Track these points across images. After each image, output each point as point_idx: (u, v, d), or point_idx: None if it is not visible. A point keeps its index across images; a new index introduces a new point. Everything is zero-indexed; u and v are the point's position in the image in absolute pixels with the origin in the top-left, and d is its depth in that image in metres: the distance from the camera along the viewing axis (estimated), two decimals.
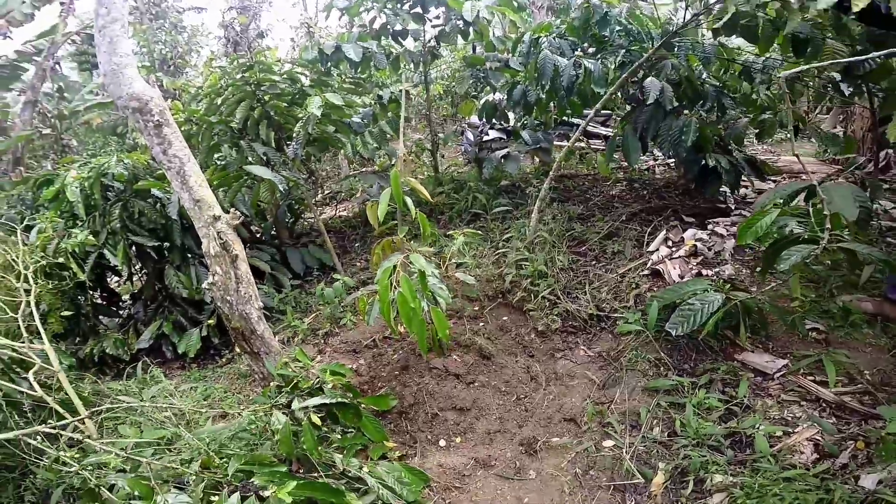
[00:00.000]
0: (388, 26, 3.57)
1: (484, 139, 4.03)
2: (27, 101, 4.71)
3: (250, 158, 3.05)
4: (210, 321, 3.38)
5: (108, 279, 3.77)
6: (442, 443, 2.50)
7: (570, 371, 2.87)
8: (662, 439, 2.26)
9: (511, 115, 4.15)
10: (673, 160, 4.40)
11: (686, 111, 3.27)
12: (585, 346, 3.03)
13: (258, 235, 4.12)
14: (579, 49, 3.26)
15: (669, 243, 3.59)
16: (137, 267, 3.54)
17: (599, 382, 2.71)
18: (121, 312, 3.72)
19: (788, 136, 3.44)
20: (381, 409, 2.64)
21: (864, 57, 2.02)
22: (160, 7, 6.40)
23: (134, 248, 3.32)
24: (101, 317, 3.49)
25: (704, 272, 3.22)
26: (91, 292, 3.35)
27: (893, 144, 3.57)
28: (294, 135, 2.96)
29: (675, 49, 3.07)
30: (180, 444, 2.10)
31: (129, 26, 2.01)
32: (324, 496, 1.73)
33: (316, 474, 2.05)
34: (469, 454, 2.36)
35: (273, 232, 4.11)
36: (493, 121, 4.05)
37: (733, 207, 3.86)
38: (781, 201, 3.03)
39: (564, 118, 4.26)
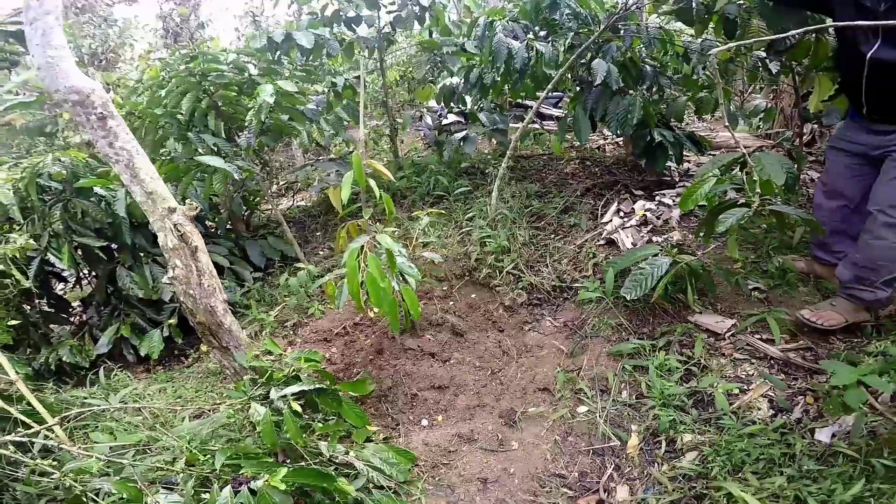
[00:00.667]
0: (341, 13, 3.50)
1: (443, 123, 4.06)
2: None
3: (200, 150, 2.93)
4: (171, 321, 3.25)
5: (54, 285, 3.54)
6: (424, 422, 2.55)
7: (539, 342, 2.98)
8: (631, 402, 2.40)
9: (468, 99, 4.19)
10: (621, 138, 4.60)
11: (631, 91, 3.43)
12: (551, 317, 3.16)
13: (214, 230, 3.97)
14: (531, 33, 3.33)
15: (621, 214, 3.78)
16: (86, 270, 3.34)
17: (567, 351, 2.84)
18: (72, 319, 3.51)
19: (723, 112, 3.69)
20: (360, 394, 2.63)
21: (782, 35, 2.20)
22: (86, 1, 5.89)
23: (80, 250, 3.12)
24: (51, 325, 3.28)
25: (654, 239, 3.43)
26: (38, 300, 3.14)
27: (816, 119, 3.90)
28: (247, 123, 2.87)
29: (622, 32, 3.21)
30: (158, 445, 2.04)
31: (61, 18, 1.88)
32: (316, 482, 1.74)
33: (303, 462, 2.06)
34: (452, 430, 2.43)
35: (229, 225, 3.98)
36: (452, 104, 4.08)
37: (677, 180, 4.11)
38: (718, 171, 3.28)
39: (519, 100, 4.34)
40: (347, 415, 2.42)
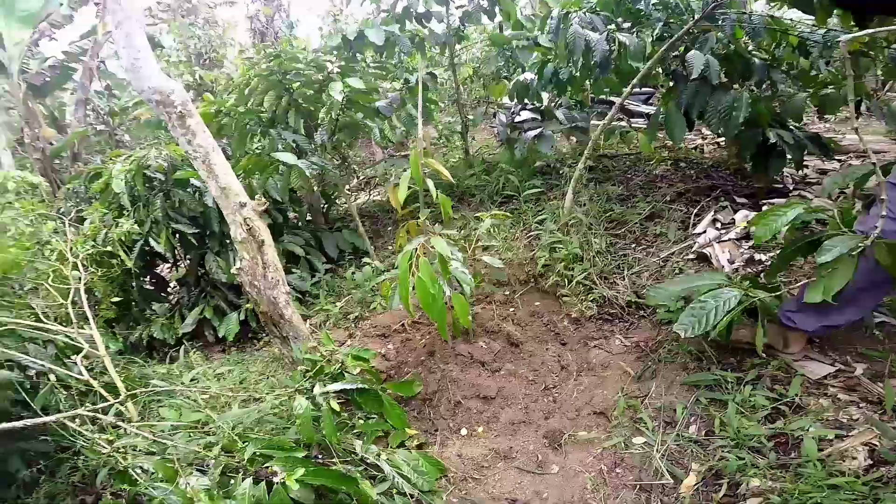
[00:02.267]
0: (411, 9, 3.48)
1: (516, 120, 3.89)
2: (79, 100, 5.07)
3: (279, 146, 3.09)
4: (248, 305, 3.48)
5: (158, 266, 3.98)
6: (464, 431, 2.46)
7: (604, 361, 2.74)
8: (699, 438, 2.10)
9: (545, 95, 3.98)
10: (723, 139, 4.09)
11: (735, 86, 3.01)
12: (622, 335, 2.89)
13: (296, 221, 4.21)
14: (613, 24, 3.05)
15: (718, 225, 3.35)
16: (183, 253, 3.71)
17: (635, 374, 2.56)
18: (171, 298, 3.92)
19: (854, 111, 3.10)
20: (407, 395, 2.63)
21: None
22: (191, 3, 6.57)
23: (177, 235, 3.46)
24: (152, 302, 3.68)
25: (757, 257, 2.97)
26: (141, 279, 3.56)
27: None
28: (319, 121, 2.97)
29: (720, 22, 2.82)
30: (207, 428, 2.17)
31: (145, 20, 2.06)
32: (335, 483, 1.73)
33: (335, 459, 2.08)
34: (490, 445, 2.31)
35: (309, 217, 4.20)
36: (526, 101, 3.90)
37: (791, 187, 3.54)
38: (852, 185, 2.71)
39: (602, 97, 4.04)
40: (389, 415, 2.41)
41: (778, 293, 1.89)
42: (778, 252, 2.16)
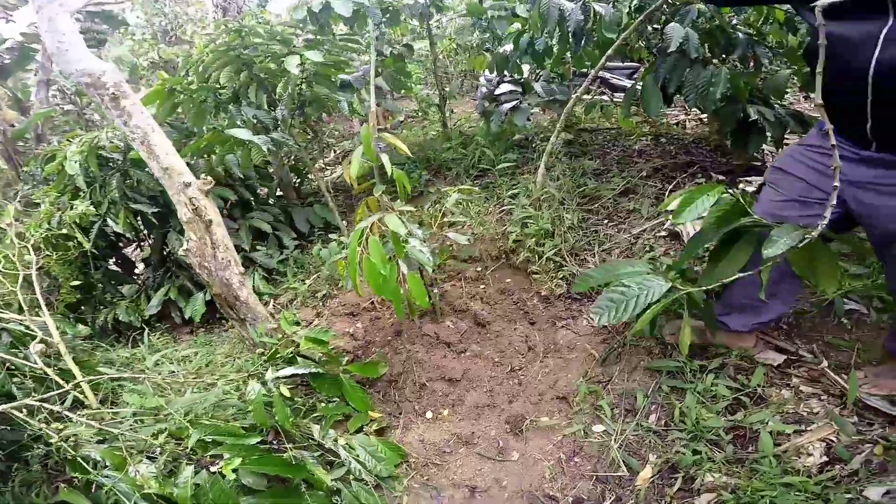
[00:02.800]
0: None
1: (496, 93, 3.76)
2: (40, 81, 4.89)
3: (238, 122, 2.97)
4: None
5: (128, 247, 3.87)
6: (429, 415, 2.44)
7: (571, 343, 2.70)
8: (658, 428, 2.07)
9: (525, 68, 3.83)
10: (706, 114, 3.99)
11: (715, 61, 2.90)
12: (590, 315, 2.85)
13: (266, 197, 4.10)
14: None
15: None
16: (146, 233, 3.61)
17: (599, 357, 2.53)
18: (139, 279, 3.83)
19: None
20: (371, 376, 2.59)
21: None
22: None
23: (139, 215, 3.35)
24: (121, 284, 3.57)
25: None
26: (104, 261, 3.45)
27: None
28: (277, 96, 2.84)
29: None
30: (161, 415, 2.13)
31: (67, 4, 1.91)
32: (282, 471, 1.71)
33: (290, 445, 2.05)
34: (453, 429, 2.29)
35: (280, 193, 4.09)
36: (506, 73, 3.77)
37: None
38: None
39: (584, 69, 3.91)
40: (351, 398, 2.38)
41: (705, 287, 1.79)
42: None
